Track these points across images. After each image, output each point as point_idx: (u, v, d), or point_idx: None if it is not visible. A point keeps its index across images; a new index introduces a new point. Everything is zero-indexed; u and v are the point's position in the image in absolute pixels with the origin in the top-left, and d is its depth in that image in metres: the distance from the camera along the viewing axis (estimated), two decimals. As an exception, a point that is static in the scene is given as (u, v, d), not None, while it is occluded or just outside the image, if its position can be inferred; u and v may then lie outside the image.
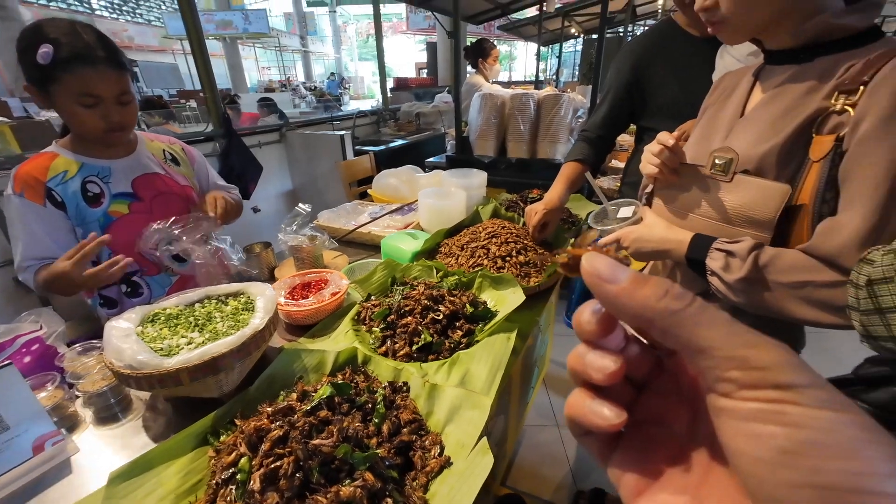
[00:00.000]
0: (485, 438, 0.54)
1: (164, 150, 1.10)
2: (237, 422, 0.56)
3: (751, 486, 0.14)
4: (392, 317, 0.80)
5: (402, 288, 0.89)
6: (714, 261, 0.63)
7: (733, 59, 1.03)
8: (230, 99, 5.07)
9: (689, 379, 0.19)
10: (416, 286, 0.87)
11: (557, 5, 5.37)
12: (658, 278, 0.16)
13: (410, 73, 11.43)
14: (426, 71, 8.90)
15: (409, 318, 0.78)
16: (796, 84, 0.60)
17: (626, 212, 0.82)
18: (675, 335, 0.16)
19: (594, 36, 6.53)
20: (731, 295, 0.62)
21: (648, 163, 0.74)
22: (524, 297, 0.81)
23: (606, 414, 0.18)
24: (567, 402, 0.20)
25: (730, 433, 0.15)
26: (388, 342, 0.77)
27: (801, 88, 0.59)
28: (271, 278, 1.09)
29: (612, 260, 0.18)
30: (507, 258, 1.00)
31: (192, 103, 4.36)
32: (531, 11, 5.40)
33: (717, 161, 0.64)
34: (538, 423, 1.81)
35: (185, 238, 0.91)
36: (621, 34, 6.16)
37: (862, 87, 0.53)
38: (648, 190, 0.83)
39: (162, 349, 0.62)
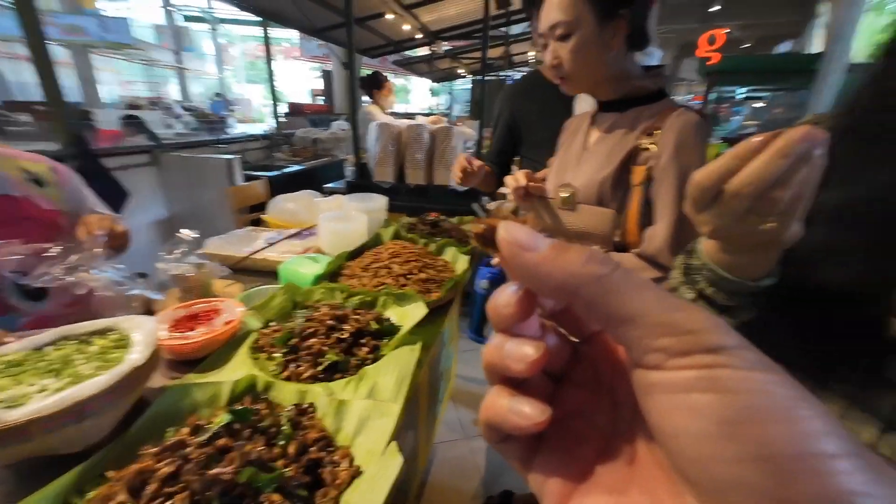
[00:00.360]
0: (394, 442, 0.57)
1: (23, 169, 0.93)
2: (110, 475, 0.50)
3: (691, 471, 0.12)
4: (295, 340, 0.78)
5: (304, 311, 0.88)
6: None
7: (587, 104, 1.29)
8: (82, 114, 4.33)
9: (607, 365, 0.18)
10: (320, 308, 0.87)
11: (446, 47, 5.87)
12: (577, 245, 0.15)
13: (305, 99, 11.14)
14: (322, 98, 8.79)
15: (313, 339, 0.78)
16: (618, 128, 0.79)
17: None
18: (602, 303, 0.14)
19: (479, 77, 7.24)
20: None
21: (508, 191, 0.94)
22: (427, 310, 0.86)
23: (528, 412, 0.16)
24: (483, 405, 0.18)
25: (663, 410, 0.13)
26: (292, 366, 0.75)
27: (621, 131, 0.78)
28: (149, 312, 0.96)
29: (530, 228, 0.16)
30: (409, 276, 1.05)
31: (24, 117, 3.62)
32: (423, 50, 5.79)
33: (562, 195, 0.81)
34: (448, 439, 1.85)
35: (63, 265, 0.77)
36: (501, 77, 6.95)
37: (658, 131, 0.73)
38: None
39: (3, 401, 0.52)
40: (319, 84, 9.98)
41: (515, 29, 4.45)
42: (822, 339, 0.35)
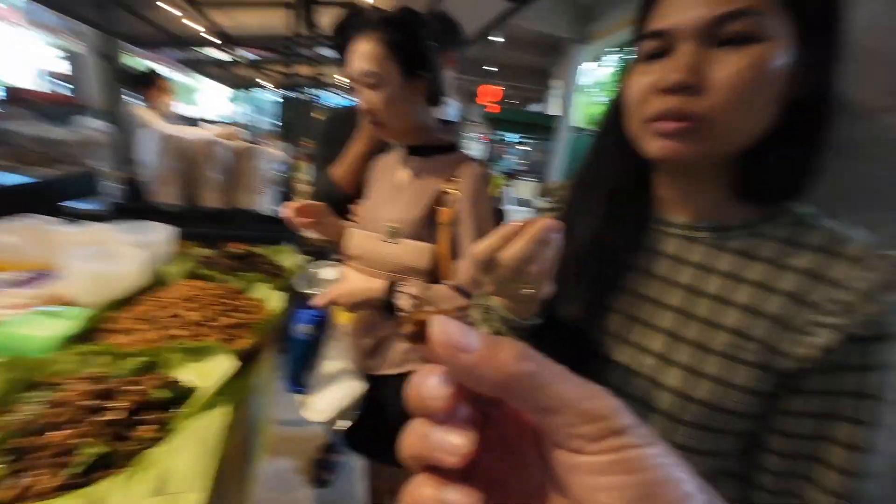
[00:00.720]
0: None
1: None
2: None
3: None
4: (21, 440, 0.56)
5: (39, 394, 0.64)
6: (401, 300, 0.83)
7: None
8: None
9: (513, 427, 0.19)
10: (67, 385, 0.64)
11: (247, 54, 5.33)
12: (507, 339, 0.16)
13: (37, 84, 8.15)
14: (70, 86, 6.65)
15: (56, 432, 0.57)
16: (424, 172, 0.91)
17: (328, 273, 0.96)
18: (532, 398, 0.15)
19: (288, 93, 6.88)
20: None
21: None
22: (234, 362, 0.75)
23: (463, 501, 0.16)
24: (405, 497, 0.17)
25: (587, 489, 0.15)
26: (21, 479, 0.52)
27: (427, 176, 0.90)
28: None
29: (460, 323, 0.16)
30: (210, 323, 0.89)
31: None
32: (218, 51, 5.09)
33: (389, 227, 0.88)
34: (266, 498, 1.62)
35: None
36: (312, 98, 6.76)
37: (457, 179, 0.86)
38: None
39: None
40: (60, 66, 7.48)
41: (328, 51, 4.44)
42: (572, 356, 0.48)
